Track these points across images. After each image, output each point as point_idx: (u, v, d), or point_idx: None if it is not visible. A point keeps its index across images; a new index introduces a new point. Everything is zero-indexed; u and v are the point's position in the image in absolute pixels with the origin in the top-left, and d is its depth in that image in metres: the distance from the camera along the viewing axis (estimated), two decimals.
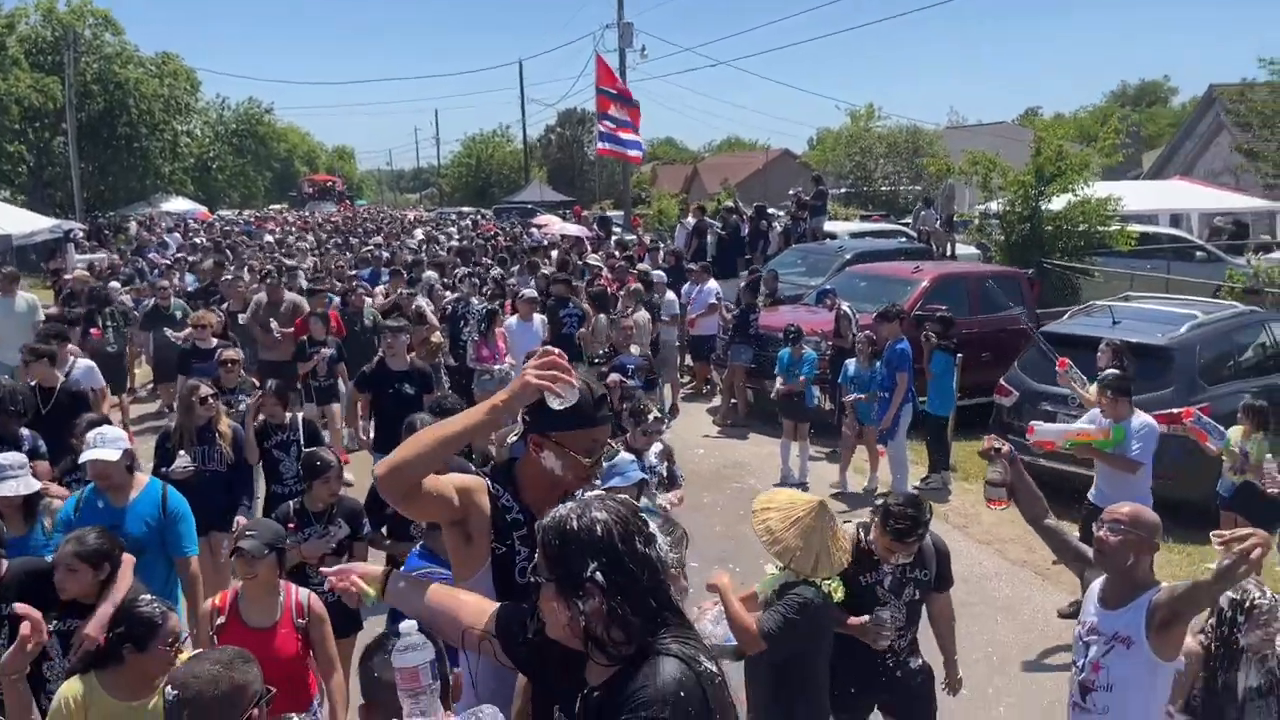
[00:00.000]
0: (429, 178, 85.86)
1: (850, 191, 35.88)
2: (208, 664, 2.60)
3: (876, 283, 12.48)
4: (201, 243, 24.15)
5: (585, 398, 2.47)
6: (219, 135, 54.32)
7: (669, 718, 1.81)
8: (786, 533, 3.80)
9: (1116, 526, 3.50)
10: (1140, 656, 3.40)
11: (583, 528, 1.95)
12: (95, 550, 3.93)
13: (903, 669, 4.25)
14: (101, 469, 4.85)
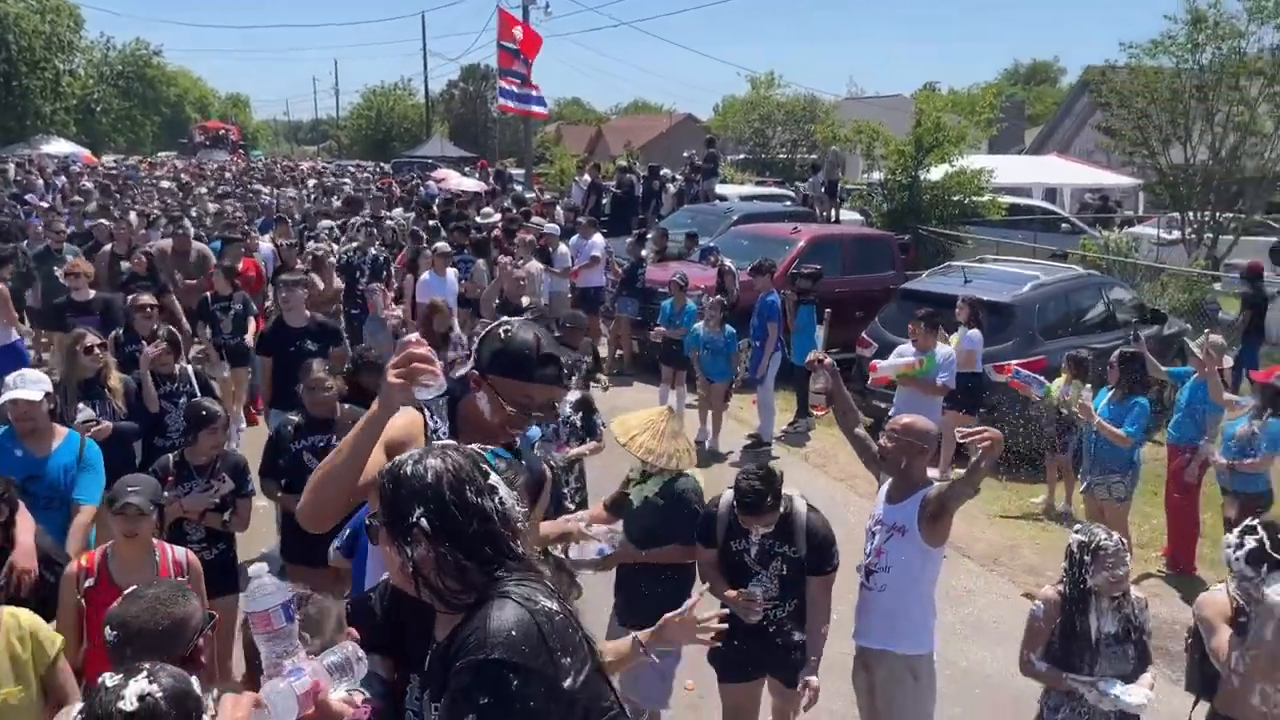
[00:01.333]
0: (327, 129, 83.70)
1: (748, 158, 36.62)
2: (144, 601, 2.59)
3: (757, 242, 13.11)
4: (87, 186, 23.39)
5: (529, 350, 2.52)
6: (103, 76, 52.23)
7: (500, 656, 1.80)
8: (659, 443, 4.39)
9: (893, 435, 4.16)
10: (913, 543, 4.06)
11: (414, 474, 1.96)
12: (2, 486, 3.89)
13: (783, 638, 4.17)
14: (24, 409, 4.63)
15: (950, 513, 4.07)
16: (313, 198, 20.24)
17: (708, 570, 4.31)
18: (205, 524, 4.91)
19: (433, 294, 9.77)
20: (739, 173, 31.25)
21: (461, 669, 1.82)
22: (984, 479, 4.11)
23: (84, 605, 3.65)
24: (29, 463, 4.59)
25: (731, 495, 4.13)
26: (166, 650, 2.47)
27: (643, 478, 4.52)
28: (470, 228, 13.49)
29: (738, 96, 42.05)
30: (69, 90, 41.32)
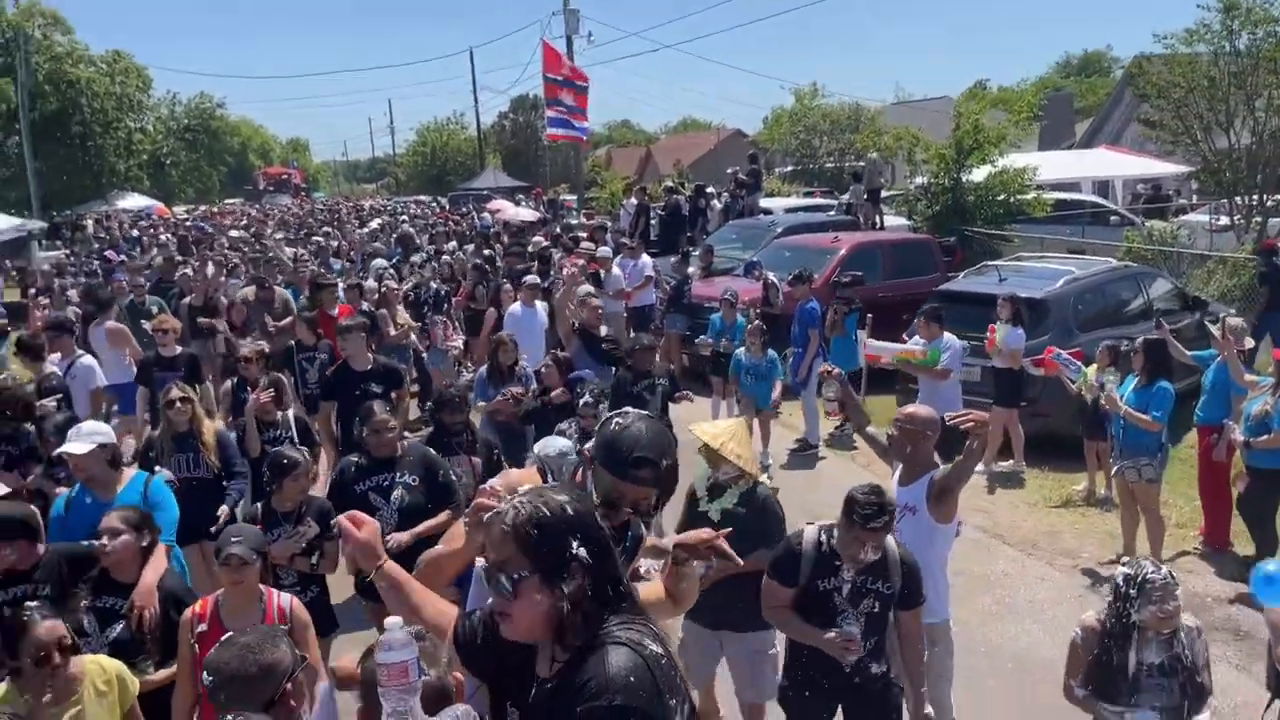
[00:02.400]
0: (385, 167, 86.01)
1: (797, 169, 36.94)
2: (235, 648, 2.70)
3: (800, 253, 13.53)
4: (167, 238, 24.59)
5: (629, 449, 2.60)
6: (171, 131, 54.42)
7: (622, 704, 1.86)
8: (745, 448, 4.57)
9: (898, 423, 4.60)
10: (924, 521, 4.47)
11: (554, 510, 2.00)
12: (139, 517, 4.20)
13: (862, 676, 4.07)
14: (76, 462, 4.83)
15: (954, 492, 4.46)
16: (377, 237, 20.91)
17: (780, 613, 4.11)
18: (295, 568, 5.07)
19: (522, 326, 9.77)
20: (787, 185, 31.62)
21: (584, 714, 1.88)
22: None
23: (197, 651, 3.74)
24: (97, 508, 4.68)
25: (814, 533, 4.04)
26: (257, 695, 2.61)
27: (715, 492, 4.64)
28: (525, 254, 14.14)
29: (785, 108, 42.34)
30: (140, 147, 43.30)
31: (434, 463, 5.57)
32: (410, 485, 5.36)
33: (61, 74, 36.05)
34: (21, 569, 4.12)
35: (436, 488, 5.39)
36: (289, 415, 6.79)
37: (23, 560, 4.12)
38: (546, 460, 3.40)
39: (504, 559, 2.00)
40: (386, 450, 5.44)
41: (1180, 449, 8.87)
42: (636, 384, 7.60)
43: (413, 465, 5.43)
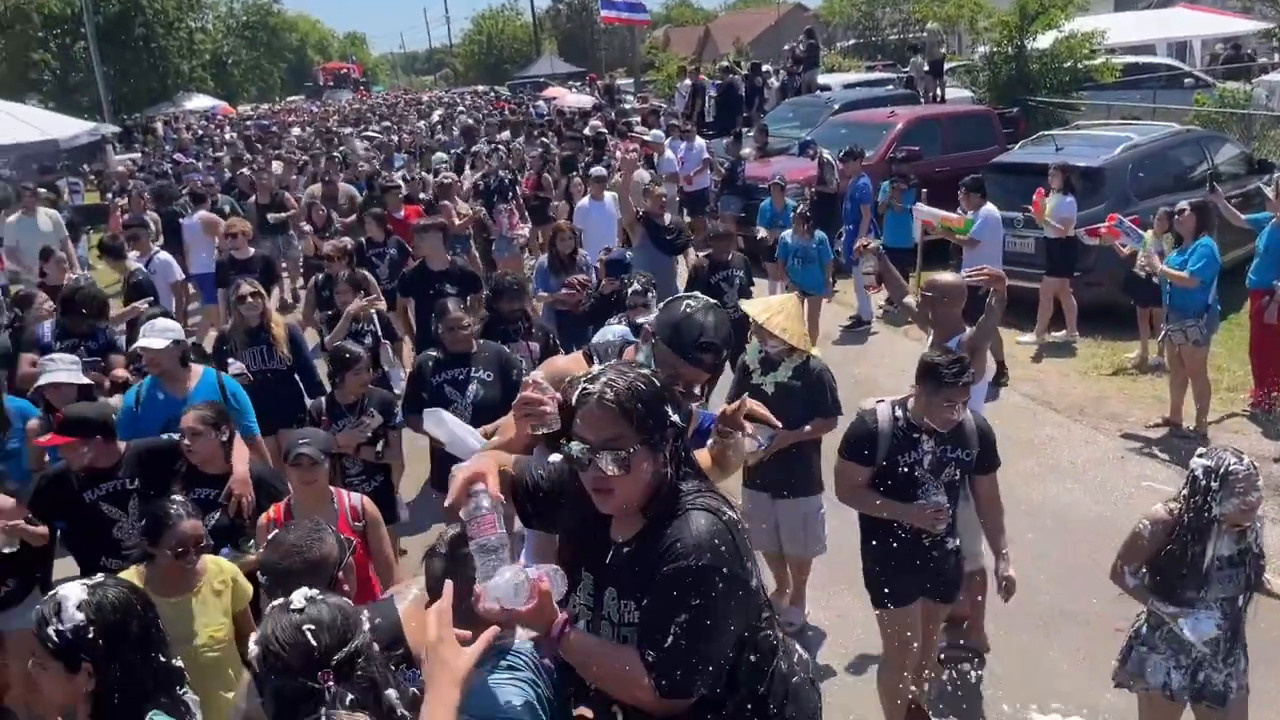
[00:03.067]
0: (442, 58, 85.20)
1: (859, 42, 35.85)
2: (284, 548, 2.82)
3: (855, 129, 13.40)
4: (233, 138, 24.99)
5: (696, 333, 2.70)
6: (231, 29, 54.54)
7: (708, 563, 1.95)
8: (794, 324, 4.75)
9: (923, 290, 4.79)
10: None
11: (645, 381, 2.09)
12: (214, 413, 4.29)
13: (939, 549, 4.06)
14: (150, 357, 4.98)
15: (981, 351, 4.67)
16: (436, 130, 20.94)
17: (860, 493, 4.05)
18: (361, 458, 5.26)
19: (590, 219, 9.89)
20: (848, 60, 30.78)
21: (672, 573, 1.97)
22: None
23: None
24: (170, 404, 4.88)
25: (887, 409, 4.00)
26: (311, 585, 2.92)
27: (767, 365, 4.89)
28: (581, 140, 14.25)
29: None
30: (202, 46, 43.65)
31: (508, 360, 5.66)
32: (485, 381, 5.45)
33: None
34: (103, 466, 4.23)
35: (510, 384, 5.32)
36: (371, 311, 6.92)
37: (102, 458, 4.23)
38: (594, 346, 3.42)
39: (609, 436, 2.03)
40: (462, 346, 5.54)
41: (1240, 315, 8.86)
42: (714, 274, 7.49)
43: (487, 361, 5.53)
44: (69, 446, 4.17)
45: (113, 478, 4.24)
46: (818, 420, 4.92)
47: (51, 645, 2.25)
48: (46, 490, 4.25)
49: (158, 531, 3.48)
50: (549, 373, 3.09)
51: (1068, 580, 5.41)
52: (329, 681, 1.89)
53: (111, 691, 2.28)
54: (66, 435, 4.16)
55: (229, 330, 6.33)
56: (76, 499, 4.18)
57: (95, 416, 4.31)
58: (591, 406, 2.06)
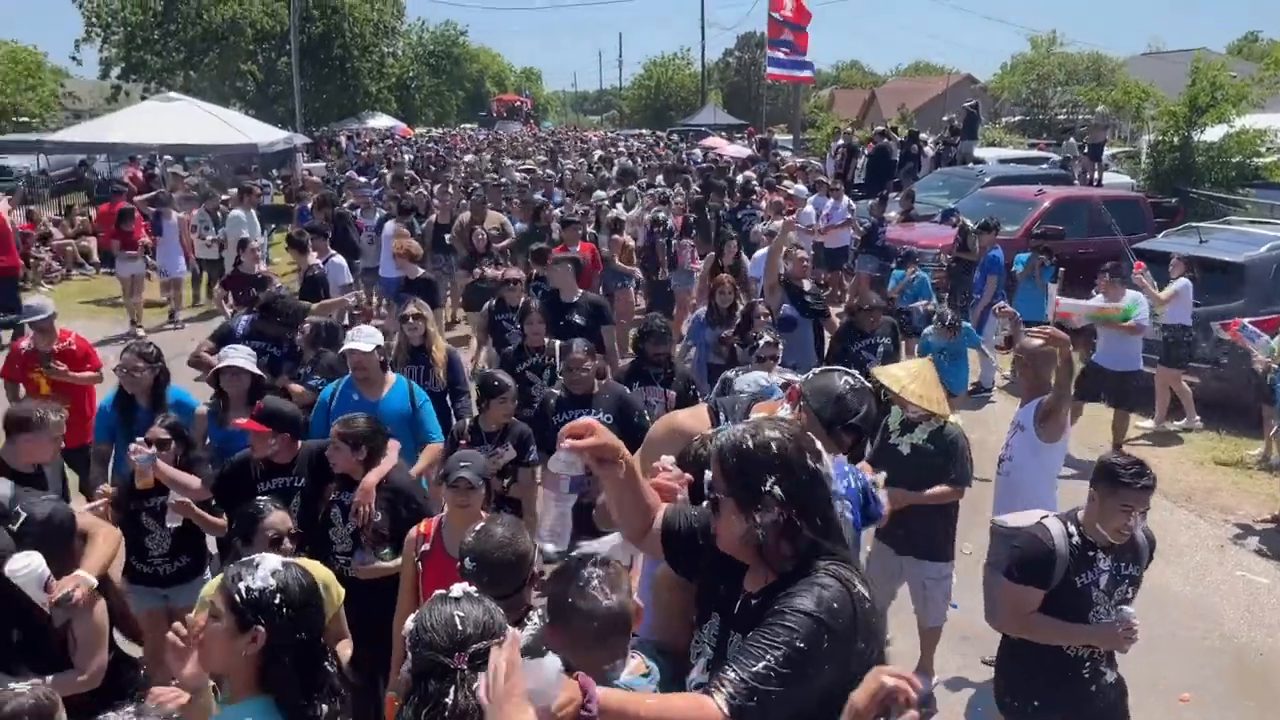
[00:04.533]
0: (610, 99, 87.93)
1: (1026, 119, 35.55)
2: (494, 539, 2.93)
3: (1001, 203, 13.62)
4: (407, 158, 26.50)
5: (849, 415, 2.74)
6: (418, 56, 57.85)
7: (823, 619, 2.00)
8: (930, 390, 4.76)
9: (1015, 355, 5.13)
10: (1029, 438, 5.03)
11: (758, 445, 2.10)
12: (354, 433, 4.33)
13: (1098, 683, 3.77)
14: (358, 359, 5.26)
15: (1058, 413, 4.94)
16: (596, 169, 21.62)
17: (1031, 620, 3.72)
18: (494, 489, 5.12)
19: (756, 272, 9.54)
20: (1011, 135, 30.61)
21: (785, 612, 2.03)
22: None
23: (420, 568, 3.90)
24: (364, 406, 5.09)
25: (1059, 526, 3.72)
26: (510, 580, 2.90)
27: (906, 427, 5.03)
28: (727, 189, 14.86)
29: (1023, 55, 40.59)
30: (390, 70, 46.60)
31: (629, 403, 5.69)
32: (604, 423, 5.36)
33: (329, 0, 39.34)
34: (281, 462, 4.49)
35: (630, 428, 5.23)
36: (554, 342, 6.67)
37: (284, 454, 4.49)
38: (720, 402, 3.36)
39: (713, 480, 2.17)
40: (582, 388, 5.60)
41: None
42: (857, 342, 7.33)
43: (608, 403, 5.58)
44: (258, 435, 4.43)
45: (286, 473, 4.51)
46: (945, 486, 4.98)
47: (238, 599, 2.38)
48: (229, 476, 4.54)
49: (251, 527, 3.65)
50: (669, 427, 3.23)
51: (1149, 651, 5.57)
52: (462, 663, 2.09)
53: (271, 661, 2.40)
54: (262, 425, 4.43)
55: (394, 346, 6.49)
56: (251, 490, 4.35)
57: (290, 413, 4.58)
58: (713, 450, 2.23)
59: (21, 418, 4.45)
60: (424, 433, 5.36)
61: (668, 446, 3.09)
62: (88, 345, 6.96)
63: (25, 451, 4.44)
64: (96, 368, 6.81)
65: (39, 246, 15.66)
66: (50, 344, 6.59)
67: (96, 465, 5.58)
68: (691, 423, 3.20)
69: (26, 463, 4.44)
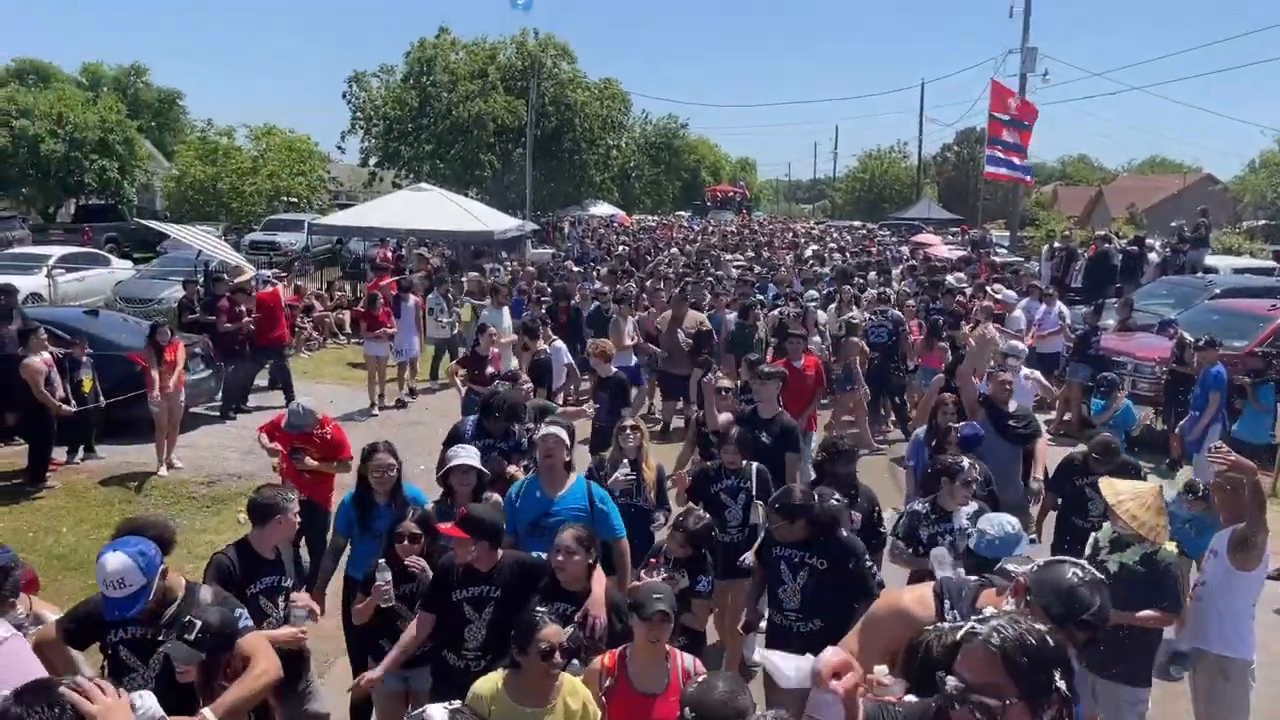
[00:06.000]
0: (823, 189, 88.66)
1: (1270, 224, 33.34)
2: (719, 692, 2.92)
3: (1229, 316, 13.09)
4: (623, 249, 27.65)
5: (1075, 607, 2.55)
6: (640, 147, 60.72)
7: None
8: (1145, 514, 4.83)
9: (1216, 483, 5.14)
10: (1222, 564, 5.06)
11: (1039, 640, 2.04)
12: (588, 536, 4.47)
13: None
14: (547, 447, 5.40)
15: (1252, 543, 4.93)
16: (809, 265, 21.49)
17: None
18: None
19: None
20: (1252, 241, 28.84)
21: None
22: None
23: (604, 702, 3.85)
24: (543, 502, 5.32)
25: None
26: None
27: (1116, 545, 5.03)
28: (938, 291, 14.99)
29: (1273, 153, 38.29)
30: (614, 161, 49.23)
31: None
32: (817, 568, 5.05)
33: (563, 97, 42.34)
34: (480, 569, 4.52)
35: (847, 575, 5.02)
36: (752, 466, 6.29)
37: (483, 561, 4.51)
38: (946, 585, 3.18)
39: (988, 682, 2.02)
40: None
41: None
42: (1082, 477, 6.55)
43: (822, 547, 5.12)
44: (460, 541, 4.51)
45: (484, 582, 4.52)
46: (1155, 611, 4.92)
47: None
48: (439, 581, 4.62)
49: (527, 637, 3.66)
50: (894, 609, 3.06)
51: None
52: None
53: None
54: (463, 531, 4.51)
55: (608, 454, 6.44)
56: (447, 595, 4.52)
57: (491, 522, 4.58)
58: (977, 647, 2.06)
59: (266, 506, 4.67)
60: (604, 530, 5.20)
61: (892, 631, 2.97)
62: (342, 435, 7.44)
63: (269, 537, 4.68)
64: (347, 458, 7.21)
65: (303, 318, 17.64)
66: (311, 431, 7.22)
67: (330, 559, 5.82)
68: (917, 608, 3.01)
69: (270, 547, 4.69)
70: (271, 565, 4.67)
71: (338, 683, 5.73)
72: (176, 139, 44.26)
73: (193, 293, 14.19)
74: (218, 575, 4.43)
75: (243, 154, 34.64)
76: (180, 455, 10.58)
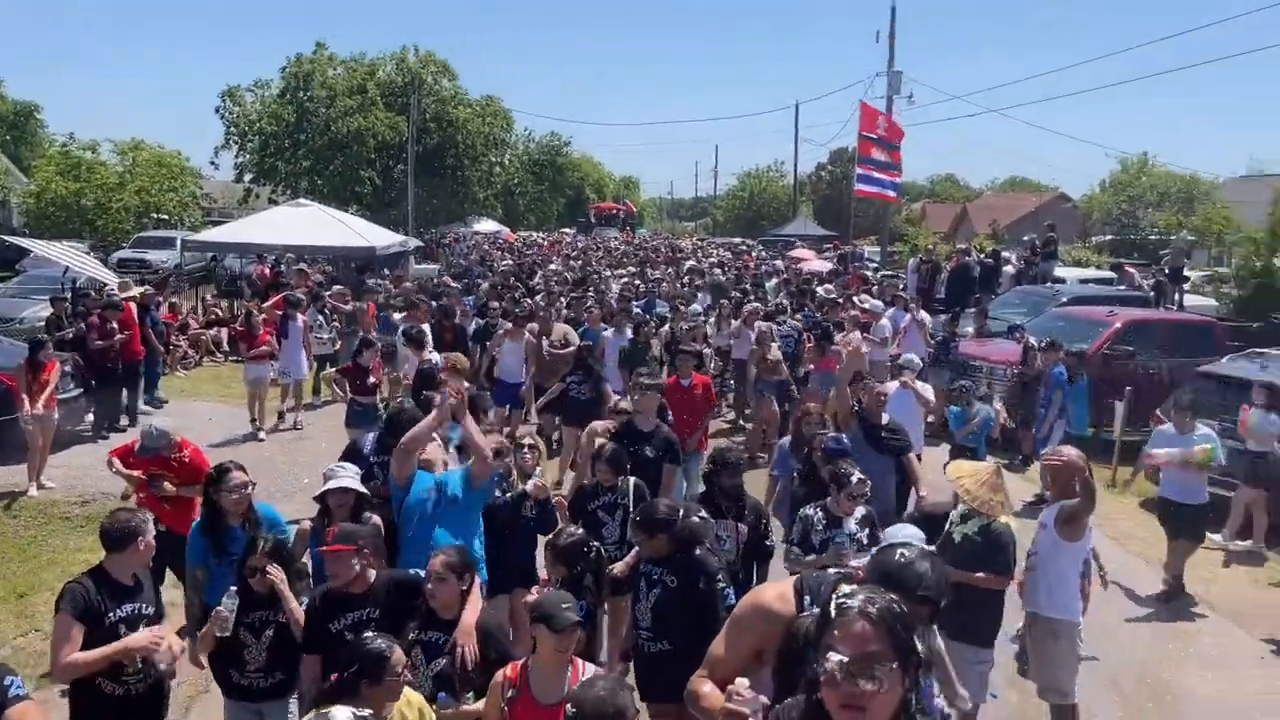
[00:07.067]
0: (705, 207, 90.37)
1: (1116, 239, 35.71)
2: (598, 689, 3.03)
3: (1073, 323, 14.11)
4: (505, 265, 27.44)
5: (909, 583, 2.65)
6: (523, 164, 60.85)
7: None
8: (979, 490, 5.50)
9: (1046, 460, 5.72)
10: (1050, 536, 5.65)
11: (898, 605, 2.11)
12: (461, 561, 4.36)
13: None
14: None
15: (1078, 518, 5.54)
16: (688, 281, 21.74)
17: None
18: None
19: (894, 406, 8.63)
20: (1100, 255, 30.86)
21: None
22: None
23: (506, 713, 3.86)
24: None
25: None
26: None
27: (963, 519, 5.65)
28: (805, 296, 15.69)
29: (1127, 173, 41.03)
30: (498, 179, 49.28)
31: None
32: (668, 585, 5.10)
33: (445, 114, 42.19)
34: (355, 591, 4.42)
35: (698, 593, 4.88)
36: (629, 481, 6.31)
37: (357, 583, 4.43)
38: (806, 580, 3.21)
39: (874, 651, 2.03)
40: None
41: None
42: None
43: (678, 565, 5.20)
44: (338, 556, 4.39)
45: (359, 607, 4.42)
46: (988, 573, 5.44)
47: None
48: (313, 618, 4.45)
49: (379, 668, 3.70)
50: (760, 609, 3.08)
51: None
52: None
53: None
54: (339, 543, 4.41)
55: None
56: (325, 630, 4.39)
57: (364, 533, 4.61)
58: (852, 618, 2.06)
59: (122, 530, 4.43)
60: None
61: (757, 629, 3.02)
62: (201, 458, 7.00)
63: (127, 563, 4.46)
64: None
65: (178, 335, 17.23)
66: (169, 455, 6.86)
67: (193, 592, 5.47)
68: (779, 604, 3.02)
69: (128, 574, 4.48)
70: (131, 592, 4.43)
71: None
72: (34, 153, 42.26)
73: (61, 310, 13.77)
74: (73, 603, 4.22)
75: (108, 169, 33.38)
76: (53, 475, 10.34)
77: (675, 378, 9.46)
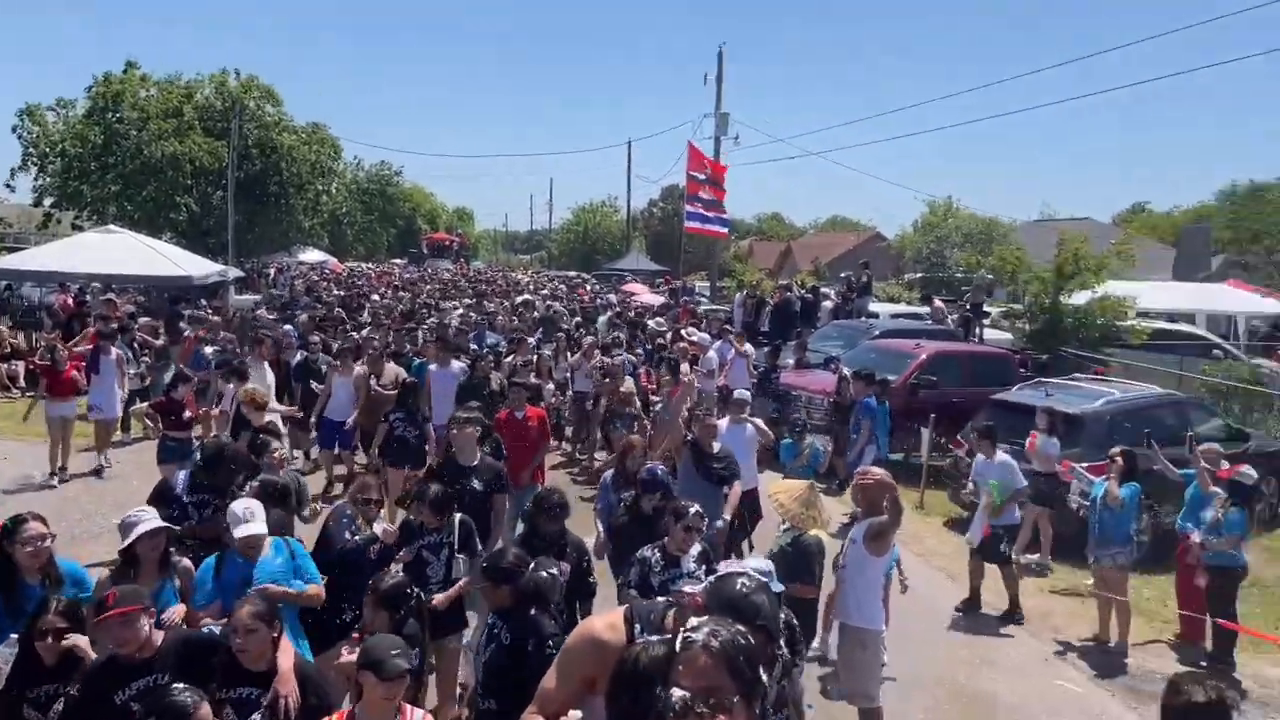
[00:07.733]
0: (540, 240, 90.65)
1: (926, 276, 38.09)
2: None
3: (884, 355, 15.02)
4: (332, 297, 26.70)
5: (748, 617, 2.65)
6: (351, 194, 59.47)
7: None
8: (791, 505, 6.31)
9: (857, 479, 6.14)
10: (859, 550, 6.05)
11: (744, 639, 2.17)
12: (269, 609, 4.14)
13: None
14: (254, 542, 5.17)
15: (885, 535, 5.96)
16: (520, 314, 21.72)
17: None
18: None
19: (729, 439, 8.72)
20: (908, 291, 32.84)
21: None
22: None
23: None
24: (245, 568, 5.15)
25: None
26: None
27: (785, 532, 6.39)
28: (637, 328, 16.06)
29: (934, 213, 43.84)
30: (324, 207, 47.91)
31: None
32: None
33: (268, 140, 40.75)
34: (141, 657, 4.04)
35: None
36: (454, 518, 6.15)
37: (145, 648, 4.05)
38: (636, 609, 3.30)
39: (714, 685, 2.07)
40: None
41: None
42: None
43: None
44: (125, 619, 4.00)
45: (146, 673, 4.02)
46: (797, 583, 6.07)
47: None
48: (91, 687, 4.04)
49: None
50: (590, 640, 3.10)
51: None
52: None
53: None
54: (123, 605, 4.01)
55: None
56: (108, 701, 3.98)
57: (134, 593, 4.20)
58: (696, 653, 2.12)
59: None
60: (308, 577, 5.27)
61: (589, 659, 3.05)
62: None
63: None
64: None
65: None
66: None
67: None
68: (609, 634, 3.09)
69: None
70: None
71: None
72: None
73: None
74: None
75: None
76: None
77: (509, 411, 9.43)
